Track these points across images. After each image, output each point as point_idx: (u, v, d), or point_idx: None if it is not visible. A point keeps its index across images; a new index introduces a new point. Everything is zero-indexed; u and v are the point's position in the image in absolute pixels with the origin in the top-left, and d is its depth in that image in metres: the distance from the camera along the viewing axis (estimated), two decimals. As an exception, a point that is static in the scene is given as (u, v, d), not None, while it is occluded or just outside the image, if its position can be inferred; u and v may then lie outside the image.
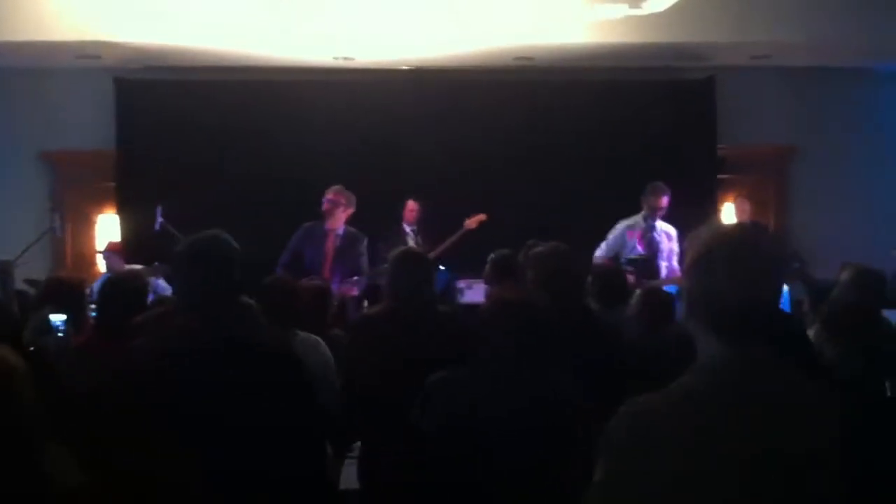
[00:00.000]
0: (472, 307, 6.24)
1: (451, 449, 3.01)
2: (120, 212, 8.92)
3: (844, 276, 4.22)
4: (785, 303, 5.89)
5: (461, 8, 8.05)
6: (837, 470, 1.78)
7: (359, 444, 4.14)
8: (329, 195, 7.20)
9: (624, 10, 8.00)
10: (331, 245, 7.19)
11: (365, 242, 7.34)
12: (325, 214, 7.19)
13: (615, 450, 1.75)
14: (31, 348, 3.80)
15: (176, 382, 2.71)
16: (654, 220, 7.38)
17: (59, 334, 4.31)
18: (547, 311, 3.16)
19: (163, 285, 6.86)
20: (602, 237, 7.47)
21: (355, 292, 7.21)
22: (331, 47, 8.49)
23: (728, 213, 9.24)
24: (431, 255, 6.93)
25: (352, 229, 7.29)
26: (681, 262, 7.56)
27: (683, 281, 1.89)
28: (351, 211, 7.27)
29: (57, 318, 4.47)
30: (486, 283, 5.37)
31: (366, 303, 7.12)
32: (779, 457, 1.71)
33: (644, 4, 7.89)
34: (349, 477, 4.13)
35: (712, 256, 1.82)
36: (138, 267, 7.44)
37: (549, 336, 3.09)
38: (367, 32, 8.15)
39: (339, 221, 7.20)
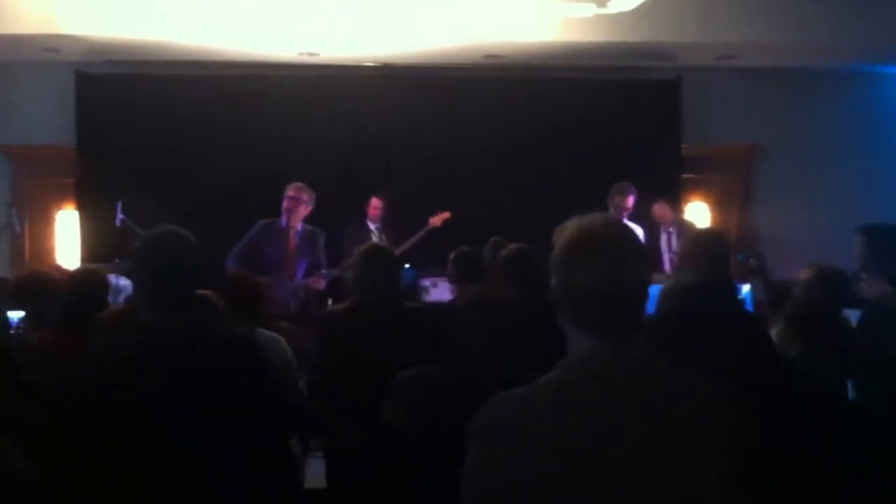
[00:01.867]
0: (438, 304, 6.22)
1: (421, 445, 2.99)
2: (80, 208, 8.80)
3: (807, 274, 4.24)
4: (748, 301, 5.92)
5: (429, 4, 8.02)
6: (718, 463, 1.76)
7: (324, 441, 4.11)
8: (290, 192, 7.15)
9: (591, 10, 7.98)
10: (292, 242, 7.15)
11: (323, 238, 7.32)
12: (286, 212, 7.13)
13: (481, 441, 1.75)
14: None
15: (136, 376, 2.70)
16: (619, 219, 7.38)
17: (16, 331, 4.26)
18: (518, 309, 3.16)
19: (124, 283, 6.77)
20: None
21: (322, 286, 7.19)
22: (295, 42, 8.43)
23: (693, 213, 9.29)
24: (396, 252, 6.90)
25: (309, 226, 7.27)
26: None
27: (552, 275, 1.87)
28: (311, 208, 7.22)
29: (14, 315, 4.42)
30: (449, 281, 5.35)
31: (329, 300, 7.09)
32: (639, 449, 1.69)
33: (611, 4, 7.87)
34: (315, 475, 4.10)
35: (570, 249, 1.82)
36: (98, 264, 7.38)
37: (521, 333, 3.08)
38: (332, 28, 8.09)
39: (299, 218, 7.16)
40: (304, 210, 7.17)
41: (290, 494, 3.80)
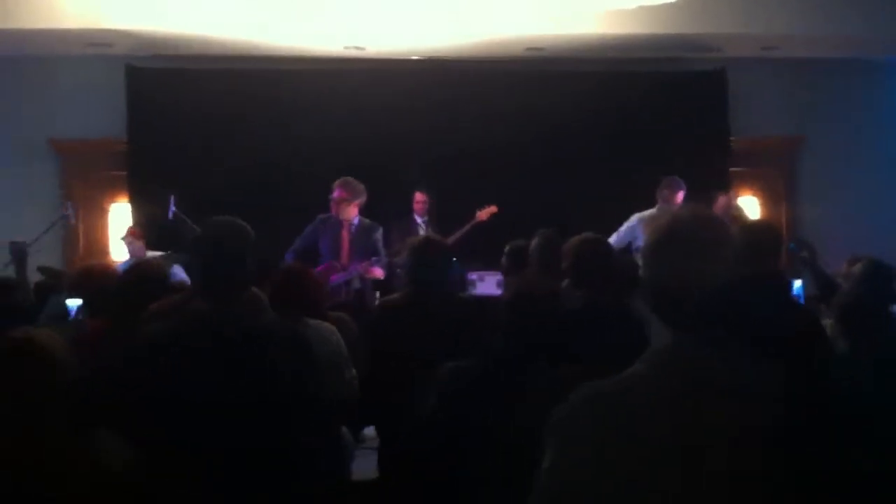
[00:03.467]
0: (488, 297, 6.25)
1: (461, 438, 3.03)
2: (132, 200, 8.94)
3: (857, 269, 4.23)
4: (800, 295, 5.88)
5: (472, -1, 8.06)
6: (797, 457, 1.76)
7: (374, 433, 4.17)
8: (335, 192, 7.15)
9: (635, 1, 7.98)
10: (346, 234, 7.19)
11: (380, 231, 7.34)
12: (337, 208, 7.15)
13: (565, 436, 1.75)
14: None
15: (182, 363, 2.75)
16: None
17: (77, 318, 4.37)
18: (566, 302, 3.17)
19: (177, 273, 6.89)
20: (613, 228, 7.45)
21: (380, 273, 7.21)
22: (341, 37, 8.49)
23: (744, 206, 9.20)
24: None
25: (366, 220, 7.27)
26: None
27: (642, 269, 1.88)
28: (361, 200, 7.23)
29: (72, 303, 4.53)
30: (503, 273, 5.37)
31: (378, 293, 7.14)
32: (725, 441, 1.69)
33: (655, -5, 7.87)
34: (366, 466, 4.16)
35: (657, 243, 1.82)
36: (158, 254, 7.51)
37: (569, 327, 3.09)
38: (377, 22, 8.15)
39: (351, 213, 7.18)
40: (353, 205, 7.16)
41: (335, 483, 3.88)
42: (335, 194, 7.13)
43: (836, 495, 1.83)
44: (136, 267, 4.49)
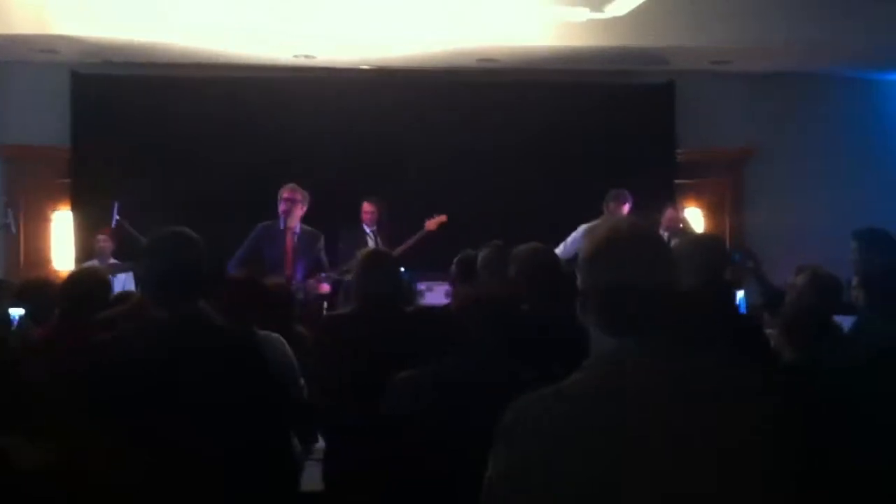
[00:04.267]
0: (436, 308, 6.23)
1: (418, 446, 3.02)
2: (75, 208, 8.81)
3: (801, 280, 4.28)
4: (742, 305, 5.95)
5: (424, 8, 8.05)
6: (746, 461, 1.75)
7: (321, 445, 4.13)
8: (285, 194, 7.12)
9: (585, 14, 8.05)
10: (290, 243, 7.15)
11: (322, 240, 7.33)
12: (283, 214, 7.11)
13: (506, 444, 1.76)
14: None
15: (141, 371, 2.74)
16: None
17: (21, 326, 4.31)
18: (519, 307, 3.18)
19: (121, 282, 6.81)
20: (560, 239, 7.49)
21: (326, 289, 7.19)
22: (291, 45, 8.45)
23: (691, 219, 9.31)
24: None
25: (308, 227, 7.25)
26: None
27: (578, 277, 1.88)
28: (305, 208, 7.23)
29: (15, 312, 4.46)
30: (451, 284, 5.36)
31: (325, 304, 7.10)
32: (666, 447, 1.69)
33: (605, 8, 7.95)
34: (311, 478, 4.12)
35: (596, 251, 1.84)
36: (94, 263, 7.41)
37: (522, 331, 3.10)
38: (327, 31, 8.12)
39: (296, 219, 7.16)
40: (300, 211, 7.16)
41: (290, 494, 3.84)
42: (287, 195, 7.08)
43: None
44: (78, 274, 4.44)
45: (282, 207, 7.10)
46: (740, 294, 6.01)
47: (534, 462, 1.71)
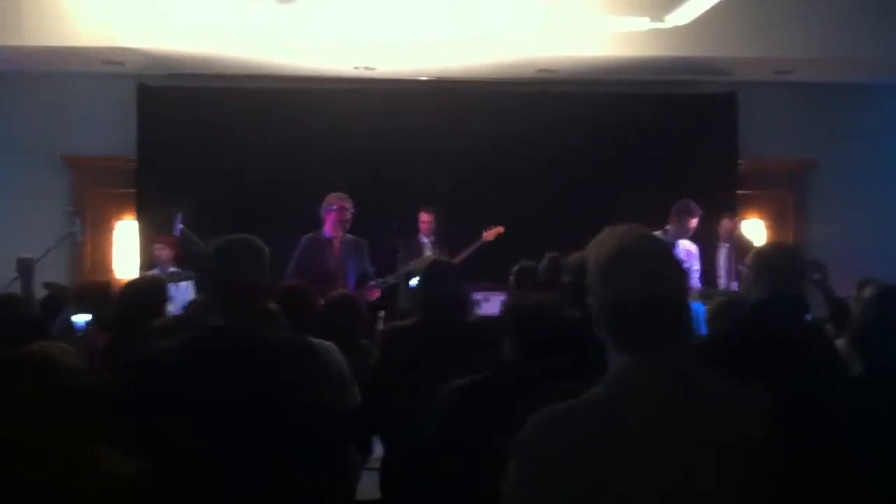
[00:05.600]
0: (493, 318, 6.20)
1: (464, 457, 3.00)
2: (139, 218, 8.95)
3: (867, 292, 4.18)
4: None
5: (483, 20, 8.06)
6: (759, 479, 1.74)
7: (378, 454, 4.13)
8: (345, 203, 7.13)
9: (647, 24, 8.00)
10: (339, 253, 7.17)
11: (367, 247, 7.34)
12: (339, 223, 7.11)
13: (523, 458, 1.75)
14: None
15: (200, 378, 2.77)
16: (676, 238, 7.24)
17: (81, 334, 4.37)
18: (566, 314, 3.15)
19: (182, 291, 6.89)
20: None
21: (376, 294, 7.21)
22: (351, 57, 8.52)
23: (748, 228, 9.19)
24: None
25: (352, 236, 7.25)
26: (701, 278, 7.51)
27: (590, 292, 1.85)
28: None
29: (80, 319, 4.53)
30: (509, 293, 5.34)
31: (381, 312, 7.12)
32: (678, 467, 1.68)
33: (667, 18, 7.88)
34: (367, 487, 4.13)
35: (606, 266, 1.81)
36: (155, 271, 7.51)
37: (569, 339, 3.07)
38: (388, 43, 8.18)
39: (346, 228, 7.17)
40: (349, 218, 7.20)
41: (345, 502, 3.84)
42: (341, 203, 7.09)
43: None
44: (135, 282, 4.50)
45: (339, 216, 7.11)
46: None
47: (548, 476, 1.71)
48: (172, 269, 7.75)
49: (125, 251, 9.00)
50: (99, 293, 4.85)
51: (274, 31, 7.98)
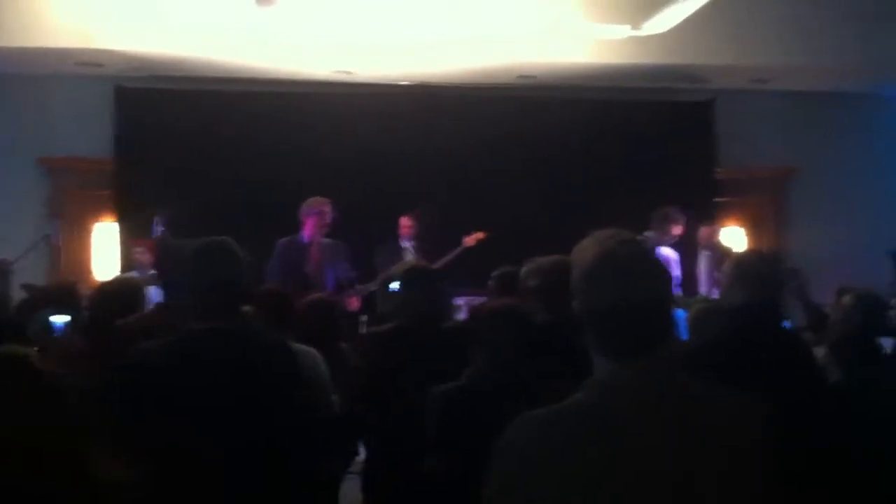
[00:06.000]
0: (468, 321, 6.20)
1: (452, 460, 3.01)
2: (118, 220, 8.89)
3: (848, 300, 4.21)
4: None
5: (464, 25, 8.07)
6: (744, 482, 1.75)
7: (360, 459, 4.13)
8: (323, 207, 7.14)
9: (625, 31, 8.03)
10: (316, 257, 7.15)
11: (345, 250, 7.35)
12: (319, 227, 7.12)
13: (503, 463, 1.75)
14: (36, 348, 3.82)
15: (182, 381, 2.77)
16: (657, 244, 7.26)
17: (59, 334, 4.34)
18: (535, 318, 3.18)
19: (160, 293, 6.84)
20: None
21: (356, 305, 7.20)
22: (330, 61, 8.50)
23: (727, 236, 9.24)
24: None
25: (329, 239, 7.27)
26: (681, 285, 7.54)
27: (573, 297, 1.86)
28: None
29: (58, 319, 4.50)
30: (489, 297, 5.33)
31: (363, 317, 7.10)
32: (660, 471, 1.69)
33: (645, 25, 7.91)
34: (348, 493, 4.12)
35: (589, 271, 1.81)
36: (133, 274, 7.47)
37: (540, 341, 3.09)
38: (367, 47, 8.17)
39: (324, 231, 7.15)
40: (329, 222, 7.19)
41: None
42: (322, 209, 7.09)
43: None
44: (110, 283, 4.46)
45: (319, 220, 7.10)
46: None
47: (528, 481, 1.71)
48: (152, 271, 7.71)
49: (104, 253, 8.93)
50: (71, 292, 4.81)
51: (253, 33, 7.95)
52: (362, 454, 4.19)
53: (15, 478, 2.15)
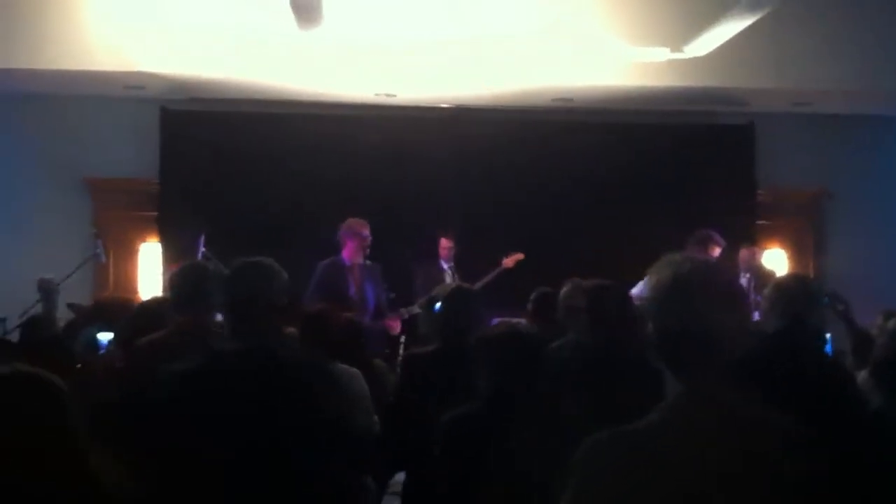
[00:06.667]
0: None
1: (471, 482, 3.02)
2: (162, 240, 9.02)
3: (893, 324, 4.17)
4: (828, 347, 5.82)
5: (502, 48, 8.12)
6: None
7: (399, 479, 4.15)
8: (366, 230, 7.19)
9: (665, 54, 8.03)
10: (359, 279, 7.19)
11: (380, 271, 7.40)
12: (362, 250, 7.17)
13: (582, 477, 1.77)
14: (79, 364, 3.91)
15: (214, 401, 2.79)
16: None
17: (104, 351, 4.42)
18: (534, 339, 3.20)
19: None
20: (638, 279, 7.39)
21: (397, 329, 7.25)
22: (372, 83, 8.59)
23: (767, 258, 9.17)
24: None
25: (368, 261, 7.31)
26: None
27: (646, 318, 1.88)
28: None
29: (104, 337, 4.58)
30: (528, 320, 5.36)
31: (403, 338, 7.14)
32: (731, 495, 1.71)
33: (685, 48, 7.92)
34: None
35: (662, 294, 1.84)
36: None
37: (536, 361, 3.11)
38: (408, 70, 8.25)
39: (366, 255, 7.20)
40: (369, 244, 7.25)
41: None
42: (364, 231, 7.13)
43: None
44: (148, 301, 4.53)
45: (357, 242, 7.14)
46: (827, 337, 5.87)
47: (607, 498, 1.73)
48: None
49: (150, 273, 9.05)
50: (119, 310, 4.90)
51: (295, 56, 8.06)
52: (401, 475, 4.21)
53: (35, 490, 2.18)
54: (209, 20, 7.92)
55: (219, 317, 4.66)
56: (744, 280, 8.09)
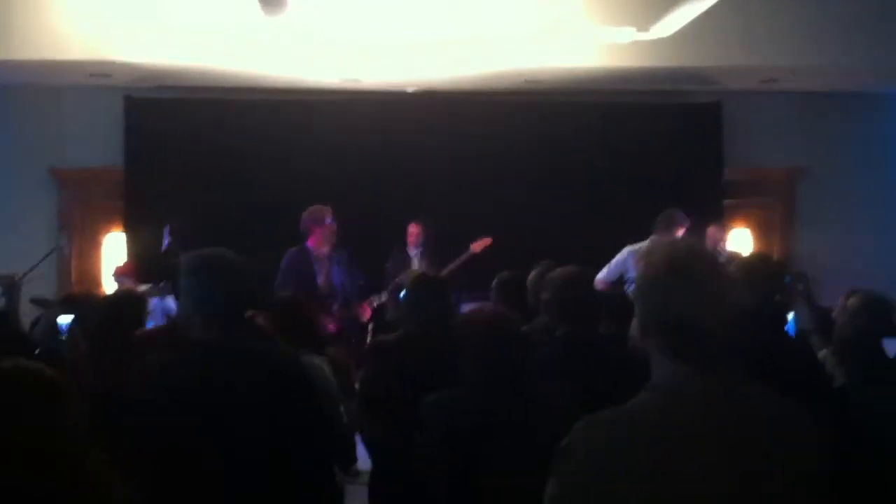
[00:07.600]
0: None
1: (450, 469, 3.01)
2: (127, 231, 8.94)
3: (853, 302, 4.20)
4: (791, 327, 5.86)
5: (470, 30, 8.08)
6: (803, 487, 1.78)
7: (365, 467, 4.14)
8: (327, 215, 7.14)
9: (632, 34, 8.02)
10: (327, 267, 7.15)
11: (348, 255, 7.35)
12: (329, 238, 7.12)
13: (568, 463, 1.77)
14: (37, 350, 3.87)
15: (189, 395, 2.78)
16: None
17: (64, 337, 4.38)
18: (517, 325, 3.21)
19: (171, 305, 6.87)
20: (606, 261, 7.41)
21: (367, 315, 7.22)
22: (338, 68, 8.53)
23: (735, 238, 9.22)
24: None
25: (336, 248, 7.25)
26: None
27: (636, 301, 1.89)
28: None
29: (63, 320, 4.53)
30: (493, 305, 5.34)
31: (370, 326, 7.12)
32: (733, 476, 1.72)
33: (652, 28, 7.90)
34: (353, 501, 4.13)
35: (655, 276, 1.84)
36: (144, 287, 7.48)
37: (524, 348, 3.12)
38: (374, 54, 8.19)
39: (332, 240, 7.16)
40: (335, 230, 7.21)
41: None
42: (329, 217, 7.08)
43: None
44: (116, 293, 4.49)
45: (325, 230, 7.09)
46: (789, 316, 5.91)
47: (592, 483, 1.73)
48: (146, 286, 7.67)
49: (113, 264, 8.95)
50: (83, 300, 4.85)
51: (261, 43, 7.98)
52: (367, 464, 4.20)
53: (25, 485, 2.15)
54: (175, 7, 7.82)
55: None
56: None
